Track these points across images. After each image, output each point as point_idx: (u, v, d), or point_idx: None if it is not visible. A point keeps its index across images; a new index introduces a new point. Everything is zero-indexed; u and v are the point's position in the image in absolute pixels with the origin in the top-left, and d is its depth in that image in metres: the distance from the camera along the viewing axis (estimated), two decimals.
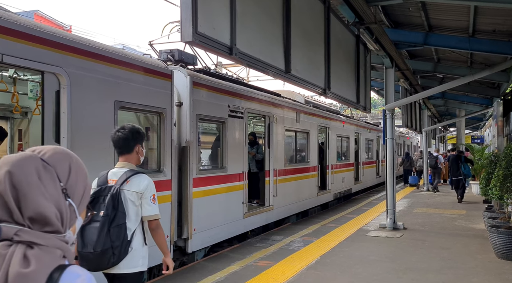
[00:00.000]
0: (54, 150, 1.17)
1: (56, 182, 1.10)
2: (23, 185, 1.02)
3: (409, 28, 9.32)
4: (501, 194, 6.89)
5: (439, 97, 17.43)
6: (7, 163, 1.04)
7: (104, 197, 2.91)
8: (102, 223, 2.79)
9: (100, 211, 2.84)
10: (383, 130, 10.06)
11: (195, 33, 3.47)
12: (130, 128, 3.16)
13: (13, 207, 1.01)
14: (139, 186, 3.02)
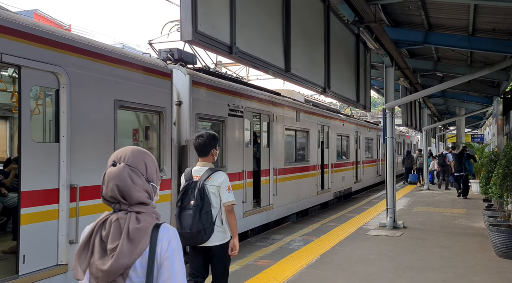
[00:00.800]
0: (132, 153, 1.79)
1: (141, 176, 1.75)
2: (125, 189, 1.69)
3: (409, 27, 9.31)
4: (501, 192, 6.89)
5: (439, 96, 17.43)
6: (113, 178, 1.72)
7: (192, 190, 3.79)
8: (194, 211, 3.69)
9: (190, 201, 3.75)
10: (383, 129, 10.06)
11: (195, 32, 3.46)
12: (207, 135, 3.93)
13: (124, 201, 1.71)
14: (218, 181, 3.83)
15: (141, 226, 1.65)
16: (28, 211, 4.19)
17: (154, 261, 1.63)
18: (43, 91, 4.65)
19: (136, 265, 1.62)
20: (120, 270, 1.59)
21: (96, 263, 1.62)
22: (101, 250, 1.65)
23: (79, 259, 1.67)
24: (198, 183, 3.78)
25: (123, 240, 1.62)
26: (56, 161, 4.53)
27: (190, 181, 3.86)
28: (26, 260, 4.13)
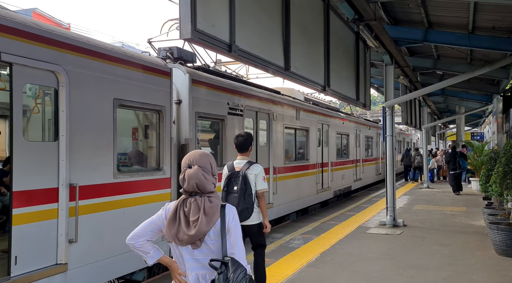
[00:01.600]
0: (200, 157, 2.42)
1: (209, 173, 2.40)
2: (201, 184, 2.35)
3: (409, 25, 9.29)
4: (501, 190, 6.89)
5: (439, 94, 17.43)
6: (192, 178, 2.34)
7: (235, 178, 4.70)
8: (239, 194, 4.60)
9: (234, 186, 4.66)
10: (383, 127, 10.05)
11: (194, 30, 3.45)
12: (246, 135, 4.91)
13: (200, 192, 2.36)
14: (256, 170, 4.75)
15: (213, 205, 2.35)
16: (20, 212, 4.11)
17: (225, 228, 2.34)
18: (42, 90, 4.64)
19: (210, 232, 2.32)
20: (200, 236, 2.29)
21: (183, 230, 2.31)
22: (185, 221, 2.33)
23: (169, 227, 2.36)
24: (241, 172, 4.69)
25: (201, 215, 2.30)
26: (55, 160, 4.52)
27: (233, 171, 4.77)
28: (19, 261, 4.07)
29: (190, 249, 2.35)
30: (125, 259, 5.38)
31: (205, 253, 2.34)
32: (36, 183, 4.30)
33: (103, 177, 5.12)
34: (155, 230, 2.45)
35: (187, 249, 2.36)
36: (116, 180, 5.28)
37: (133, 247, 2.47)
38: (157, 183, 6.01)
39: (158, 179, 6.04)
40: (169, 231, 2.35)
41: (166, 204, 2.51)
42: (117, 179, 5.30)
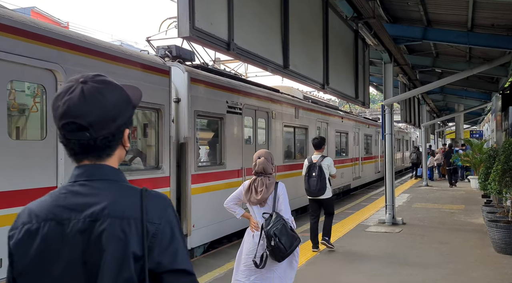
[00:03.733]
0: (265, 152, 4.01)
1: (270, 162, 3.93)
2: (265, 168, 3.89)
3: (408, 22, 9.29)
4: (500, 188, 6.89)
5: (438, 92, 17.44)
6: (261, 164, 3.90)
7: (313, 167, 6.73)
8: (317, 179, 6.65)
9: (313, 173, 6.69)
10: (382, 126, 10.04)
11: (192, 28, 3.44)
12: (320, 138, 7.10)
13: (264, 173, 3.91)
14: (328, 162, 6.81)
15: (271, 182, 3.85)
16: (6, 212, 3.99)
17: (276, 196, 3.82)
18: (40, 88, 4.63)
19: (269, 197, 3.81)
20: (263, 199, 3.77)
21: (253, 196, 3.83)
22: (255, 191, 3.85)
23: (246, 194, 3.92)
24: (317, 163, 6.72)
25: (264, 187, 3.81)
26: (49, 158, 4.51)
27: (311, 163, 6.79)
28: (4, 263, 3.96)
29: (258, 207, 3.87)
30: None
31: (266, 209, 3.82)
32: (21, 183, 4.20)
33: None
34: (238, 198, 4.04)
35: (257, 207, 3.88)
36: None
37: (228, 208, 4.08)
38: (156, 181, 6.00)
39: (157, 177, 6.04)
40: (246, 197, 3.93)
41: (243, 183, 4.08)
42: None
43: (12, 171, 4.09)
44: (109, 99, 1.22)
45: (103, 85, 1.22)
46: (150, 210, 1.18)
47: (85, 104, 1.18)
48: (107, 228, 1.13)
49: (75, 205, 1.17)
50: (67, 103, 1.18)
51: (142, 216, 1.16)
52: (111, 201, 1.17)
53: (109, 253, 1.12)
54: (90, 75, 1.23)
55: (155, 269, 1.14)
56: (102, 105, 1.20)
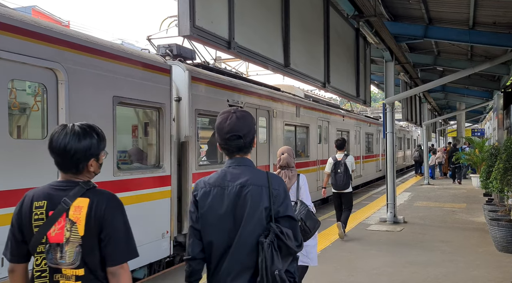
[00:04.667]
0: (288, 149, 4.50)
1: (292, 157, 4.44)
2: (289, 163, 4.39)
3: (409, 21, 9.26)
4: (502, 187, 6.88)
5: (439, 90, 17.39)
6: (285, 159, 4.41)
7: (339, 165, 7.76)
8: (343, 174, 7.69)
9: (338, 169, 7.72)
10: (383, 124, 10.03)
11: (193, 27, 3.43)
12: (342, 139, 8.10)
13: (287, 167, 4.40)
14: (351, 160, 7.86)
15: (293, 174, 4.28)
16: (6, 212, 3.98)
17: (299, 186, 4.21)
18: (41, 87, 4.62)
19: (292, 187, 4.22)
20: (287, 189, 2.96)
21: None
22: None
23: None
24: (342, 161, 7.78)
25: (287, 179, 4.24)
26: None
27: (336, 161, 7.84)
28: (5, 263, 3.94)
29: None
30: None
31: None
32: (20, 182, 4.19)
33: (103, 174, 5.10)
34: None
35: None
36: (115, 177, 5.27)
37: None
38: (157, 180, 6.00)
39: (158, 176, 6.04)
40: None
41: None
42: (117, 177, 5.29)
43: (13, 170, 4.09)
44: (250, 120, 2.18)
45: (244, 113, 2.18)
46: (273, 182, 2.10)
47: (240, 124, 2.12)
48: (250, 191, 2.05)
49: (231, 179, 2.10)
50: (231, 124, 2.11)
51: (269, 185, 2.08)
52: (251, 176, 2.09)
53: (250, 205, 2.03)
54: (236, 108, 2.20)
55: (275, 215, 2.05)
56: (247, 124, 2.15)
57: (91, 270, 1.86)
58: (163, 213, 6.11)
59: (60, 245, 1.86)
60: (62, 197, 1.89)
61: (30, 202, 1.93)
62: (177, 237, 6.57)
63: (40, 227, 1.88)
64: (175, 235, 6.42)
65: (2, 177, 3.99)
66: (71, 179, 1.96)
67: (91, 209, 1.87)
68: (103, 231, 1.86)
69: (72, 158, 1.92)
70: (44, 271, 1.88)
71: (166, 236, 6.11)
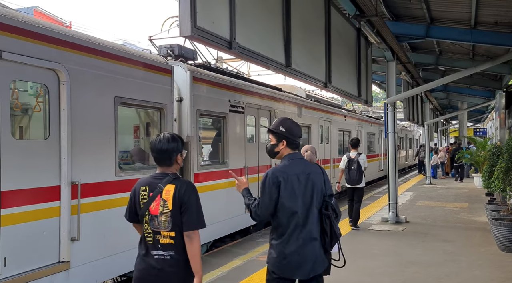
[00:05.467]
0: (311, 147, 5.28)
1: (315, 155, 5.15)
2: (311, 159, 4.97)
3: (411, 20, 9.25)
4: (504, 186, 6.87)
5: (441, 90, 17.36)
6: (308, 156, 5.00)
7: (352, 162, 8.69)
8: (356, 171, 8.64)
9: (352, 167, 8.67)
10: (385, 124, 10.02)
11: (194, 27, 3.44)
12: (356, 139, 9.11)
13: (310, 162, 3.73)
14: (363, 158, 8.77)
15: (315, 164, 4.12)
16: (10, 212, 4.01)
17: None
18: (43, 88, 4.64)
19: None
20: None
21: None
22: None
23: None
24: (355, 159, 8.66)
25: None
26: (56, 158, 4.52)
27: (350, 158, 8.71)
28: (8, 262, 3.97)
29: None
30: (127, 257, 5.39)
31: None
32: (29, 182, 4.22)
33: (105, 175, 5.13)
34: None
35: None
36: (117, 178, 5.28)
37: None
38: None
39: None
40: None
41: None
42: (119, 177, 5.30)
43: (15, 170, 4.10)
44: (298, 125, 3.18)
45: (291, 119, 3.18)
46: (323, 170, 3.18)
47: (298, 128, 3.14)
48: (315, 178, 3.05)
49: (302, 169, 3.04)
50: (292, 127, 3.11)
51: (323, 172, 3.16)
52: (312, 167, 3.11)
53: (316, 185, 3.03)
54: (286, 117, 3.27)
55: (325, 193, 3.06)
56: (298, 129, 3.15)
57: (179, 232, 2.72)
58: None
59: (157, 216, 2.74)
60: (158, 183, 2.79)
61: (138, 187, 2.86)
62: None
63: (144, 204, 2.79)
64: None
65: (5, 177, 4.00)
66: (164, 172, 2.85)
67: (176, 191, 2.73)
68: (182, 206, 2.71)
69: (165, 154, 2.82)
70: (149, 233, 2.77)
71: None
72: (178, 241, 2.71)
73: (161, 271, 2.69)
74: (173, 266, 2.69)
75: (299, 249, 2.91)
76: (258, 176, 8.93)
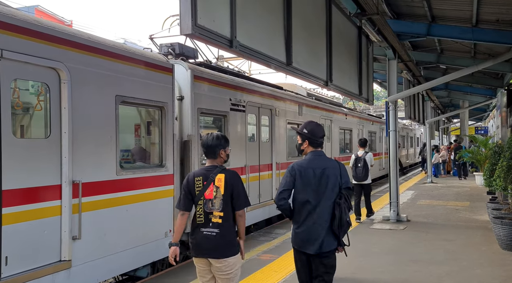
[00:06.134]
0: None
1: None
2: None
3: (412, 18, 9.23)
4: (505, 185, 6.86)
5: (443, 88, 17.34)
6: None
7: (359, 160, 9.27)
8: (362, 168, 9.23)
9: (358, 164, 9.26)
10: (386, 122, 10.00)
11: (195, 25, 3.44)
12: (364, 139, 9.74)
13: None
14: (370, 156, 9.36)
15: None
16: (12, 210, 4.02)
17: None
18: (44, 87, 4.64)
19: None
20: None
21: None
22: None
23: None
24: (362, 157, 9.16)
25: None
26: (57, 157, 4.52)
27: (357, 157, 9.23)
28: (10, 261, 3.98)
29: None
30: (128, 256, 5.40)
31: None
32: (30, 181, 4.22)
33: (106, 174, 5.13)
34: None
35: None
36: (118, 177, 5.28)
37: None
38: (159, 179, 6.01)
39: (161, 175, 6.05)
40: None
41: None
42: (120, 176, 5.30)
43: (16, 169, 4.10)
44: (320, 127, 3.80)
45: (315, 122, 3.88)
46: (340, 165, 3.66)
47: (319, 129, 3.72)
48: (330, 172, 3.53)
49: (318, 164, 3.56)
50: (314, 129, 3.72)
51: (340, 167, 3.62)
52: (329, 163, 3.62)
53: (330, 179, 3.52)
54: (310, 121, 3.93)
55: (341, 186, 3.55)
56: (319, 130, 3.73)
57: (227, 213, 3.44)
58: (166, 212, 6.12)
59: (211, 199, 3.45)
60: (210, 174, 3.49)
61: (192, 177, 3.52)
62: None
63: (200, 191, 3.48)
64: None
65: (6, 176, 4.01)
66: (213, 164, 3.56)
67: (226, 179, 3.45)
68: (234, 191, 3.45)
69: (210, 149, 3.55)
70: (200, 214, 3.45)
71: (169, 235, 6.12)
72: (225, 219, 3.43)
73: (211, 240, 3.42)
74: (220, 237, 3.43)
75: (308, 228, 3.54)
76: (259, 175, 8.93)
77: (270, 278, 5.58)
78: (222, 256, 3.40)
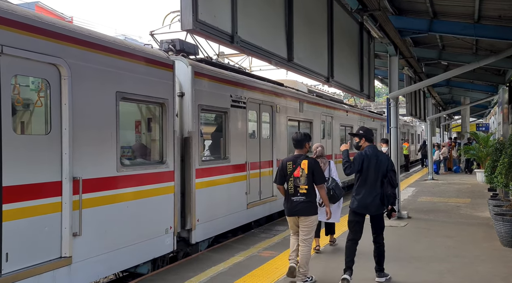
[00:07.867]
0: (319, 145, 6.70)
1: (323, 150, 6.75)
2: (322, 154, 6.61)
3: (413, 15, 9.18)
4: (507, 181, 6.84)
5: (444, 85, 17.29)
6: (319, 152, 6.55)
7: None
8: None
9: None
10: (387, 119, 9.98)
11: (196, 21, 3.41)
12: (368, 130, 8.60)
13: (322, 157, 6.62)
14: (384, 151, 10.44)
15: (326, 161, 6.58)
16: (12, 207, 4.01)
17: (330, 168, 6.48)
18: (44, 83, 4.62)
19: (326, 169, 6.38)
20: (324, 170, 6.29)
21: None
22: None
23: None
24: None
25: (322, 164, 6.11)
26: (58, 153, 4.51)
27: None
28: (10, 258, 3.97)
29: None
30: (129, 252, 5.40)
31: None
32: (30, 177, 4.21)
33: (106, 170, 5.12)
34: None
35: None
36: (119, 173, 5.27)
37: None
38: (160, 176, 6.00)
39: (161, 172, 6.04)
40: None
41: None
42: (120, 173, 5.30)
43: (16, 166, 4.09)
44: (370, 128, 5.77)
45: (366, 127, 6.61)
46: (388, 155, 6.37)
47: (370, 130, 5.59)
48: (382, 158, 5.32)
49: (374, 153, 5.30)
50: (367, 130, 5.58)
51: (388, 157, 5.63)
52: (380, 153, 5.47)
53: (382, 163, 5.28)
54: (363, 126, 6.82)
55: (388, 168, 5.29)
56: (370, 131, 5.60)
57: (310, 186, 5.08)
58: (166, 208, 6.12)
59: (298, 177, 5.08)
60: (298, 159, 5.14)
61: (286, 162, 5.21)
62: (180, 233, 6.58)
63: (290, 171, 5.13)
64: (178, 230, 6.43)
65: (7, 173, 4.00)
66: (300, 153, 5.25)
67: (309, 163, 5.10)
68: (314, 172, 5.09)
69: (299, 142, 5.28)
70: (291, 188, 5.11)
71: (170, 232, 6.12)
72: (308, 191, 5.06)
73: (300, 204, 5.09)
74: (305, 202, 5.07)
75: (366, 198, 5.14)
76: (259, 172, 8.92)
77: (271, 274, 5.57)
78: (306, 214, 5.08)
